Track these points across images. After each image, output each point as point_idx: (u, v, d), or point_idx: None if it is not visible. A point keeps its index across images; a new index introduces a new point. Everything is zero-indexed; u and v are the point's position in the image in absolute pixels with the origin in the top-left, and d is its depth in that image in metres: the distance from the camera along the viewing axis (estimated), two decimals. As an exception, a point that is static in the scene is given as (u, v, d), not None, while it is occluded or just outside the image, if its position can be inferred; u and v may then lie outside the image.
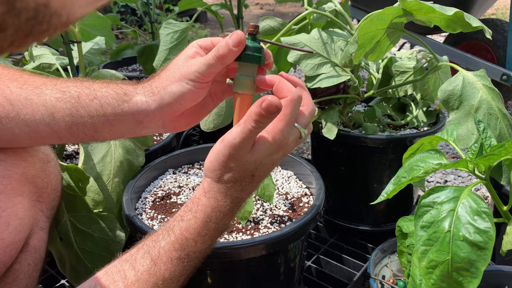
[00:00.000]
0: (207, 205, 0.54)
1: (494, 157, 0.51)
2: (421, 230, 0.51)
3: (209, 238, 0.55)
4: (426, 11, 0.79)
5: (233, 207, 0.55)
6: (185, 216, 0.55)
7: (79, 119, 0.58)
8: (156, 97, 0.57)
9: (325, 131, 0.98)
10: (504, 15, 4.37)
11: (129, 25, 2.99)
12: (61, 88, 0.59)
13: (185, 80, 0.56)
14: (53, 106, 0.58)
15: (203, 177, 0.57)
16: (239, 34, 0.53)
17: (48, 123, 0.58)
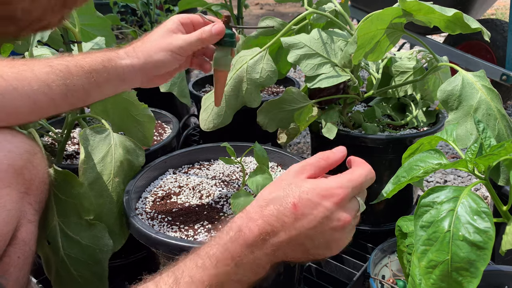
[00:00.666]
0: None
1: (493, 157, 0.51)
2: (421, 230, 0.51)
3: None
4: (425, 11, 0.79)
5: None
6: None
7: (71, 87, 0.65)
8: (140, 61, 0.68)
9: (325, 131, 0.98)
10: (504, 15, 4.37)
11: (129, 25, 2.99)
12: (47, 63, 0.65)
13: (169, 51, 0.67)
14: (46, 78, 0.64)
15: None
16: (221, 25, 0.67)
17: (45, 92, 0.63)
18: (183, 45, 0.68)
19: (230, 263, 0.49)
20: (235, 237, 0.50)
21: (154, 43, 0.68)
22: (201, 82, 1.59)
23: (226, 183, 0.89)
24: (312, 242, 0.50)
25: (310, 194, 0.49)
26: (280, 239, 0.49)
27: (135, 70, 0.68)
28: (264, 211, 0.50)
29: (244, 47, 1.15)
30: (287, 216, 0.49)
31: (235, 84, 1.02)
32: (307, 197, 0.49)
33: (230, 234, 0.50)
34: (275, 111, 1.02)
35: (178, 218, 0.77)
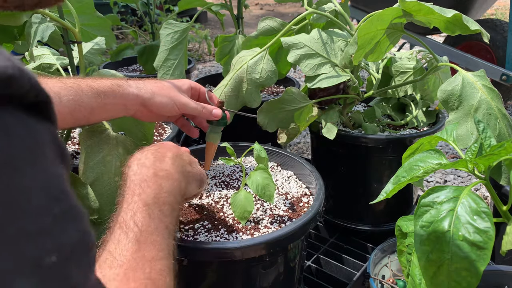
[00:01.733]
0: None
1: (493, 157, 0.51)
2: (421, 230, 0.51)
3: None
4: (425, 12, 0.79)
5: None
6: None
7: (80, 103, 0.69)
8: (146, 95, 0.75)
9: (325, 131, 0.98)
10: (503, 15, 4.37)
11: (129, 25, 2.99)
12: (60, 80, 0.70)
13: (172, 101, 0.76)
14: (58, 92, 0.68)
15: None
16: (220, 111, 0.80)
17: (55, 103, 0.65)
18: (185, 105, 0.77)
19: (149, 183, 0.58)
20: (138, 169, 0.60)
21: (164, 88, 0.77)
22: (201, 82, 1.60)
23: (226, 183, 0.89)
24: (181, 159, 0.66)
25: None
26: (168, 155, 0.64)
27: (138, 101, 0.75)
28: (143, 152, 0.64)
29: (244, 47, 1.15)
30: (159, 148, 0.65)
31: (235, 84, 1.02)
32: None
33: (132, 172, 0.60)
34: (275, 111, 1.02)
35: (178, 218, 0.77)
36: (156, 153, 0.63)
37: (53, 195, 0.24)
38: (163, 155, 0.64)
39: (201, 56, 3.45)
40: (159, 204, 0.56)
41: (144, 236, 0.52)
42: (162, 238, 0.54)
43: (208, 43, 3.20)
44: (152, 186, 0.58)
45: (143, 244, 0.51)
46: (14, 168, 0.22)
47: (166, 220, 0.56)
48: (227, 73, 1.10)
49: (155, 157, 0.62)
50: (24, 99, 0.24)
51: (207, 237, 0.72)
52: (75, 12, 0.89)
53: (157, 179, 0.59)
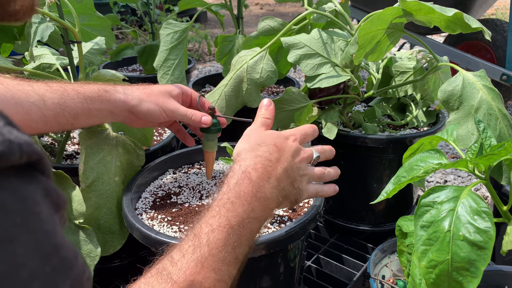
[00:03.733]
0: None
1: (494, 157, 0.51)
2: (421, 230, 0.51)
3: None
4: (426, 11, 0.79)
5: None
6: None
7: (65, 108, 0.68)
8: (133, 102, 0.73)
9: (325, 131, 0.98)
10: (504, 15, 4.37)
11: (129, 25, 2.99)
12: (46, 83, 0.69)
13: (160, 108, 0.74)
14: (43, 94, 0.67)
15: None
16: (209, 119, 0.77)
17: (40, 106, 0.65)
18: (174, 112, 0.76)
19: (244, 202, 0.54)
20: (242, 178, 0.56)
21: (152, 94, 0.75)
22: (201, 82, 1.59)
23: (226, 183, 0.89)
24: (294, 172, 0.62)
25: (278, 137, 0.63)
26: (278, 171, 0.59)
27: (125, 107, 0.73)
28: (257, 152, 0.59)
29: (244, 47, 1.15)
30: (275, 152, 0.60)
31: (235, 84, 1.02)
32: (279, 138, 0.62)
33: (234, 180, 0.56)
34: (275, 111, 1.02)
35: (178, 218, 0.77)
36: (267, 166, 0.58)
37: (45, 253, 0.25)
38: (271, 172, 0.58)
39: (201, 56, 3.45)
40: (242, 229, 0.53)
41: (210, 261, 0.49)
42: (227, 268, 0.51)
43: (208, 43, 3.20)
44: (245, 206, 0.54)
45: (205, 269, 0.48)
46: (5, 240, 0.23)
47: (240, 248, 0.53)
48: (227, 73, 1.10)
49: (263, 172, 0.57)
50: (15, 165, 0.25)
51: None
52: (75, 12, 0.89)
53: (253, 200, 0.55)
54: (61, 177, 0.75)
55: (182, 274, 0.47)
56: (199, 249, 0.49)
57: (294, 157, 0.62)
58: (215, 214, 0.53)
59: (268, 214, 0.58)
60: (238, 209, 0.53)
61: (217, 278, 0.49)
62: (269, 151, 0.60)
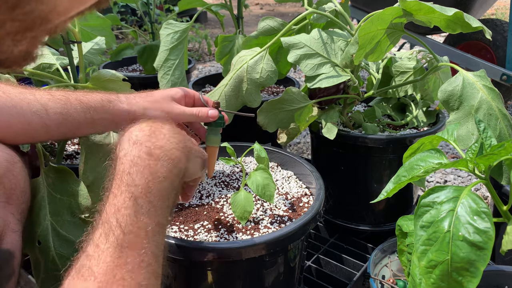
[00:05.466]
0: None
1: (494, 156, 0.51)
2: (421, 230, 0.51)
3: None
4: (426, 11, 0.79)
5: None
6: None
7: (67, 117, 0.67)
8: (138, 111, 0.73)
9: (325, 131, 0.98)
10: (504, 15, 4.37)
11: (129, 25, 2.99)
12: (49, 92, 0.68)
13: (166, 114, 0.74)
14: (45, 104, 0.66)
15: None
16: (216, 111, 0.77)
17: (41, 116, 0.65)
18: (181, 115, 0.75)
19: (141, 166, 0.51)
20: (131, 145, 0.53)
21: (156, 102, 0.75)
22: (201, 82, 1.59)
23: (226, 183, 0.89)
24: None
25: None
26: (167, 124, 0.57)
27: (129, 117, 0.72)
28: (140, 122, 0.57)
29: (244, 47, 1.15)
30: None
31: (235, 84, 1.02)
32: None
33: (124, 151, 0.53)
34: (275, 111, 1.02)
35: (178, 218, 0.77)
36: (152, 124, 0.56)
37: None
38: (160, 126, 0.56)
39: (201, 56, 3.45)
40: (151, 195, 0.49)
41: (127, 239, 0.46)
42: (150, 239, 0.47)
43: (208, 43, 3.20)
44: (144, 171, 0.51)
45: (125, 249, 0.45)
46: None
47: (157, 214, 0.49)
48: (227, 73, 1.10)
49: (150, 129, 0.55)
50: None
51: (207, 237, 0.72)
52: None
53: (151, 161, 0.51)
54: (64, 173, 0.75)
55: (103, 265, 0.43)
56: (112, 233, 0.46)
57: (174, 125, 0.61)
58: (116, 192, 0.49)
59: (177, 166, 0.54)
60: (137, 177, 0.50)
61: (143, 253, 0.46)
62: (152, 119, 0.58)
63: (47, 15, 0.26)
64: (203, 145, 0.92)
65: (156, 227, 0.49)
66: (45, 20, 0.26)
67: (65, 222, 0.74)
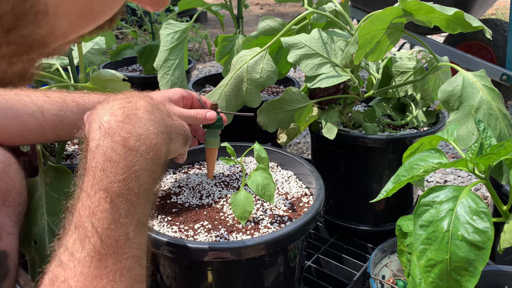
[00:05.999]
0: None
1: (493, 156, 0.51)
2: (420, 229, 0.51)
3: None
4: (426, 11, 0.79)
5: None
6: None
7: (63, 119, 0.66)
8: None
9: (325, 131, 0.98)
10: (504, 15, 4.37)
11: (129, 25, 2.99)
12: (45, 94, 0.68)
13: None
14: (41, 105, 0.65)
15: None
16: (214, 113, 0.76)
17: (37, 117, 0.64)
18: (178, 117, 0.67)
19: (116, 160, 0.45)
20: (102, 134, 0.46)
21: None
22: (201, 82, 1.59)
23: (226, 183, 0.89)
24: (161, 106, 0.54)
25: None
26: (142, 103, 0.50)
27: None
28: (110, 102, 0.51)
29: (244, 47, 1.15)
30: (132, 95, 0.52)
31: (235, 84, 1.02)
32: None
33: (95, 141, 0.47)
34: (275, 111, 1.02)
35: (178, 218, 0.77)
36: (125, 105, 0.48)
37: None
38: (135, 107, 0.48)
39: (201, 56, 3.46)
40: (129, 192, 0.45)
41: (106, 246, 0.42)
42: (131, 241, 0.44)
43: (208, 43, 3.20)
44: (119, 166, 0.45)
45: (104, 257, 0.41)
46: None
47: (137, 212, 0.45)
48: (227, 73, 1.10)
49: (124, 113, 0.47)
50: None
51: (207, 237, 0.72)
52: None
53: (127, 154, 0.45)
54: (62, 172, 0.75)
55: (80, 277, 0.40)
56: (88, 240, 0.41)
57: (151, 101, 0.54)
58: (90, 192, 0.44)
59: (156, 155, 0.48)
60: (112, 174, 0.45)
61: (124, 258, 0.42)
62: (124, 95, 0.51)
63: (45, 39, 0.25)
64: (202, 145, 0.92)
65: (137, 227, 0.45)
66: (42, 44, 0.25)
67: (61, 222, 0.74)
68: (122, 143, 0.46)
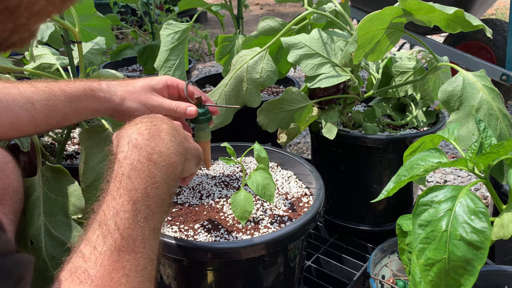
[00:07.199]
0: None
1: (493, 155, 0.51)
2: (419, 229, 0.51)
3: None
4: (426, 10, 0.79)
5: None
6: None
7: (53, 108, 0.67)
8: (115, 100, 0.73)
9: (325, 131, 0.98)
10: (504, 15, 4.37)
11: (129, 25, 2.99)
12: (32, 84, 0.68)
13: (142, 105, 0.73)
14: (30, 97, 0.66)
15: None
16: (194, 109, 0.73)
17: (28, 109, 0.65)
18: (158, 107, 0.74)
19: (141, 171, 0.52)
20: (130, 148, 0.54)
21: (135, 92, 0.74)
22: (201, 82, 1.60)
23: (226, 183, 0.89)
24: (180, 130, 0.61)
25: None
26: (165, 127, 0.58)
27: (109, 105, 0.73)
28: (138, 123, 0.58)
29: (244, 47, 1.15)
30: (156, 117, 0.60)
31: (235, 84, 1.02)
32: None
33: (123, 154, 0.54)
34: (275, 111, 1.02)
35: (178, 218, 0.77)
36: (151, 127, 0.56)
37: None
38: (158, 129, 0.56)
39: (201, 56, 3.46)
40: (148, 199, 0.50)
41: (125, 243, 0.46)
42: (147, 243, 0.48)
43: (208, 43, 3.20)
44: (143, 176, 0.51)
45: (122, 253, 0.45)
46: None
47: (153, 218, 0.50)
48: (227, 73, 1.10)
49: (149, 133, 0.55)
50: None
51: (207, 237, 0.72)
52: (75, 12, 0.89)
53: (150, 166, 0.52)
54: (60, 172, 0.75)
55: (100, 268, 0.43)
56: (110, 236, 0.46)
57: (172, 124, 0.61)
58: (115, 195, 0.49)
59: (174, 172, 0.55)
60: (137, 181, 0.50)
61: (139, 256, 0.46)
62: (150, 119, 0.58)
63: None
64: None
65: (152, 231, 0.49)
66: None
67: (58, 222, 0.74)
68: (147, 157, 0.53)
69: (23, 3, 0.29)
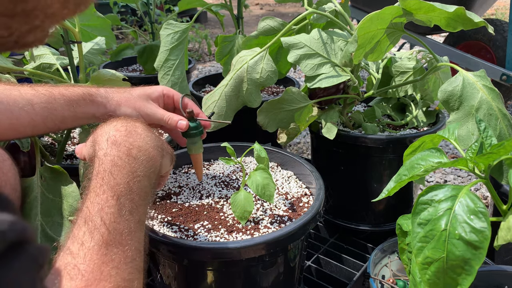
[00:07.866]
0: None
1: (493, 155, 0.51)
2: (418, 227, 0.51)
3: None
4: (426, 9, 0.79)
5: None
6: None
7: (52, 111, 0.68)
8: (111, 107, 0.74)
9: (325, 131, 0.98)
10: (504, 15, 4.37)
11: (129, 25, 2.99)
12: (32, 87, 0.69)
13: (137, 112, 0.74)
14: (30, 99, 0.67)
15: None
16: (185, 123, 0.75)
17: (28, 111, 0.66)
18: (151, 116, 0.75)
19: (122, 166, 0.53)
20: (109, 146, 0.55)
21: (131, 99, 0.75)
22: (201, 82, 1.60)
23: (226, 183, 0.89)
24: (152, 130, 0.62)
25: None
26: (141, 125, 0.60)
27: (105, 110, 0.74)
28: (114, 121, 0.60)
29: (244, 47, 1.15)
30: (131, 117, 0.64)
31: (236, 84, 1.02)
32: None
33: (103, 151, 0.55)
34: (275, 111, 1.02)
35: (178, 218, 0.77)
36: (127, 124, 0.58)
37: None
38: (134, 125, 0.59)
39: (201, 56, 3.46)
40: (132, 193, 0.52)
41: (112, 237, 0.47)
42: (133, 235, 0.49)
43: (208, 43, 3.20)
44: (124, 171, 0.53)
45: (110, 247, 0.46)
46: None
47: (138, 211, 0.52)
48: (227, 73, 1.10)
49: (127, 129, 0.57)
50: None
51: (207, 237, 0.72)
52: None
53: (130, 161, 0.54)
54: (58, 173, 0.74)
55: (90, 262, 0.44)
56: (97, 231, 0.47)
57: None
58: (99, 191, 0.51)
59: (154, 165, 0.57)
60: (118, 177, 0.52)
61: (127, 249, 0.48)
62: (124, 118, 0.61)
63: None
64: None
65: (138, 224, 0.51)
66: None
67: (54, 223, 0.74)
68: (127, 153, 0.54)
69: (39, 6, 0.30)
